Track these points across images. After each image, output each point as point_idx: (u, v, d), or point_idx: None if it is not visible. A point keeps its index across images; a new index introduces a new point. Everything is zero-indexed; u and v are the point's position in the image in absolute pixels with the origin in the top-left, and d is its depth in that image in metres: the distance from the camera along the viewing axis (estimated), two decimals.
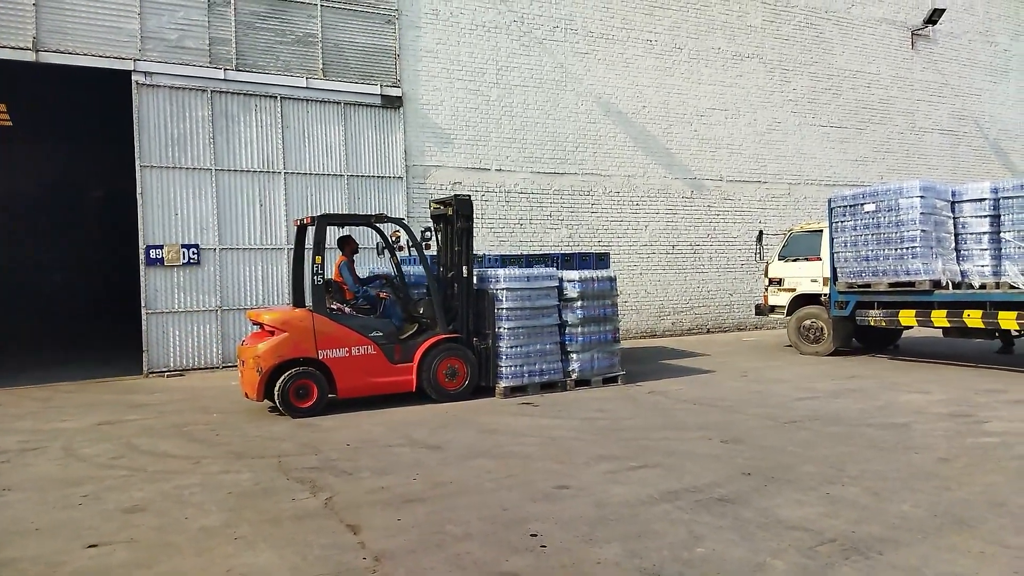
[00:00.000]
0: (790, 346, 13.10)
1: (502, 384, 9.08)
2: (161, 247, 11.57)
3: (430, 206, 9.72)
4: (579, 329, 9.55)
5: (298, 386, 8.15)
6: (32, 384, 10.69)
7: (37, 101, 17.48)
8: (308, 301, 8.63)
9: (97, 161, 22.27)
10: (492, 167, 14.24)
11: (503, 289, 9.07)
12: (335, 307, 8.67)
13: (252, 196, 12.26)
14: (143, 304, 11.48)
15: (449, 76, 13.84)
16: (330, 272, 9.29)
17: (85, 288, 23.90)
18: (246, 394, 8.38)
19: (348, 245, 9.34)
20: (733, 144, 16.93)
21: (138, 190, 11.51)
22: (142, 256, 11.50)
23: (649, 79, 15.90)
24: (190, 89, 11.86)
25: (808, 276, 12.68)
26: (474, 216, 9.31)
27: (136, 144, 11.51)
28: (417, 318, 9.01)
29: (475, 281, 9.45)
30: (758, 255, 14.09)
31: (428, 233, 9.26)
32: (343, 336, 8.41)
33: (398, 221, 9.12)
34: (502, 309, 9.06)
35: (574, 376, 9.56)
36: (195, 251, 11.75)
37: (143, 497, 5.45)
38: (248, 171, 12.26)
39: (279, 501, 5.31)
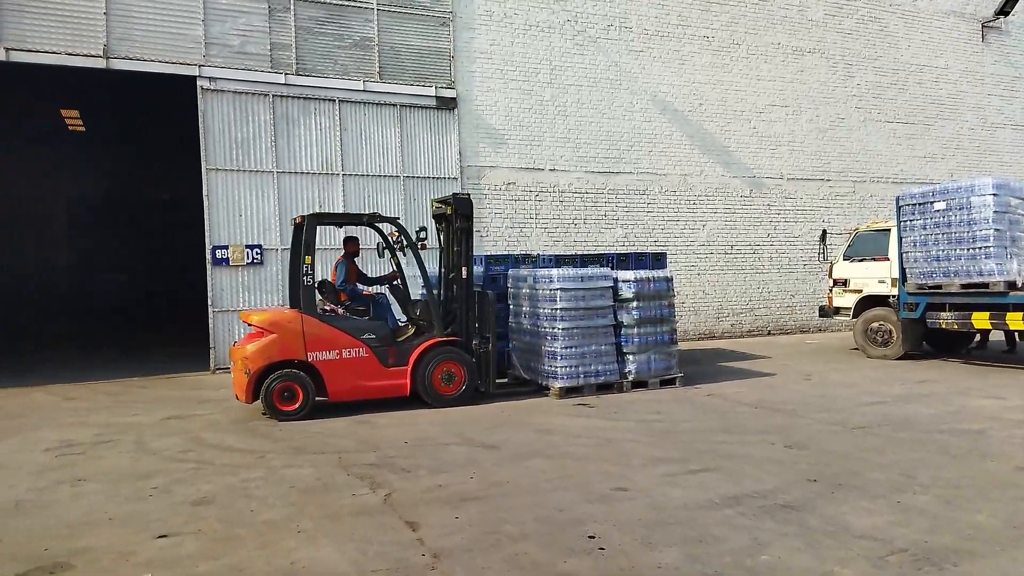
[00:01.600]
0: (856, 349, 12.70)
1: (557, 385, 9.04)
2: (226, 247, 11.91)
3: (432, 205, 9.60)
4: (635, 330, 9.44)
5: (283, 388, 7.96)
6: (105, 379, 11.12)
7: (107, 107, 18.19)
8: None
9: (164, 164, 23.07)
10: (546, 167, 14.21)
11: (557, 289, 9.03)
12: (328, 308, 8.49)
13: (312, 197, 12.51)
14: (210, 302, 11.83)
15: (503, 77, 13.88)
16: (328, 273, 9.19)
17: (153, 287, 24.76)
18: (236, 396, 8.23)
19: (350, 245, 9.26)
20: (794, 141, 16.52)
21: (204, 192, 11.87)
22: (208, 256, 11.86)
23: (706, 76, 15.64)
24: (252, 94, 12.17)
25: (875, 277, 12.27)
26: (474, 215, 9.07)
27: (202, 148, 11.86)
28: (415, 320, 8.84)
29: (530, 281, 9.45)
30: (822, 255, 13.74)
31: (423, 233, 9.04)
32: (333, 338, 8.16)
33: (393, 220, 8.86)
34: (556, 309, 9.02)
35: (631, 377, 9.45)
36: (258, 251, 12.05)
37: (210, 490, 5.60)
38: (308, 173, 12.52)
39: (339, 496, 5.39)
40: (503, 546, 4.43)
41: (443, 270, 9.31)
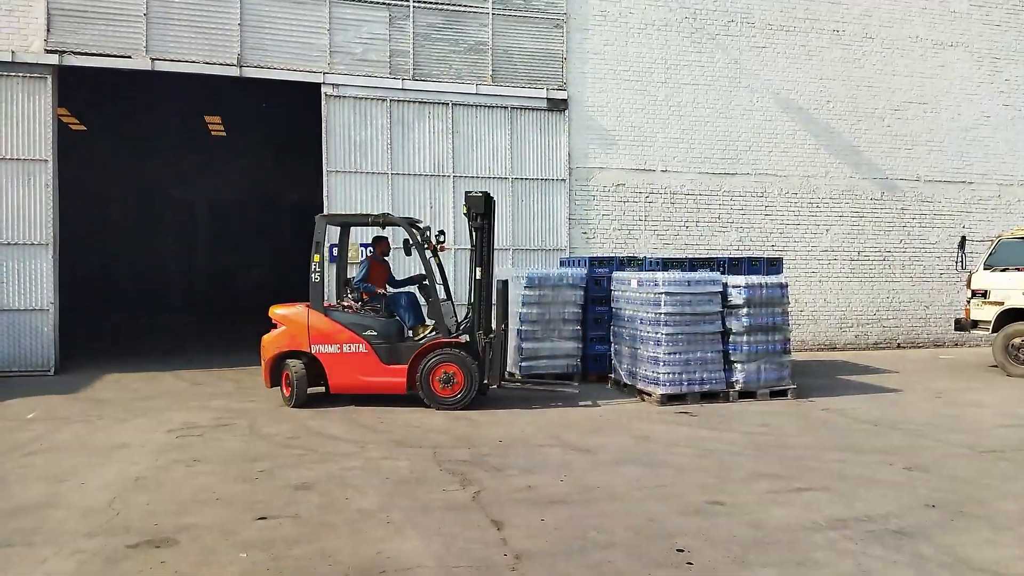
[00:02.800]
0: (995, 366, 11.62)
1: (658, 391, 8.79)
2: None
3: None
4: (744, 338, 9.04)
5: (286, 376, 8.60)
6: (230, 367, 11.87)
7: (243, 112, 19.45)
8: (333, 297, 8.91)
9: (294, 167, 24.38)
10: (657, 168, 13.89)
11: (662, 293, 8.79)
12: (346, 305, 8.87)
13: (423, 199, 12.82)
14: (324, 297, 12.34)
15: (616, 77, 13.69)
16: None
17: (280, 283, 26.23)
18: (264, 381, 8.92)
19: (378, 245, 9.52)
20: (933, 141, 15.32)
21: (324, 193, 12.43)
22: (326, 254, 12.24)
23: (834, 72, 14.79)
24: (371, 99, 12.61)
25: (1019, 288, 11.18)
26: (494, 214, 8.89)
27: (324, 151, 12.42)
28: (436, 321, 8.77)
29: (634, 284, 9.27)
30: (960, 264, 12.65)
31: (442, 236, 9.04)
32: (336, 333, 8.54)
33: (404, 222, 8.93)
34: (660, 314, 8.78)
35: (738, 387, 9.06)
36: (371, 250, 12.44)
37: (311, 476, 5.84)
38: (420, 175, 12.84)
39: (430, 490, 5.47)
40: (587, 553, 4.34)
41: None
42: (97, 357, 12.74)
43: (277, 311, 9.00)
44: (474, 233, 8.70)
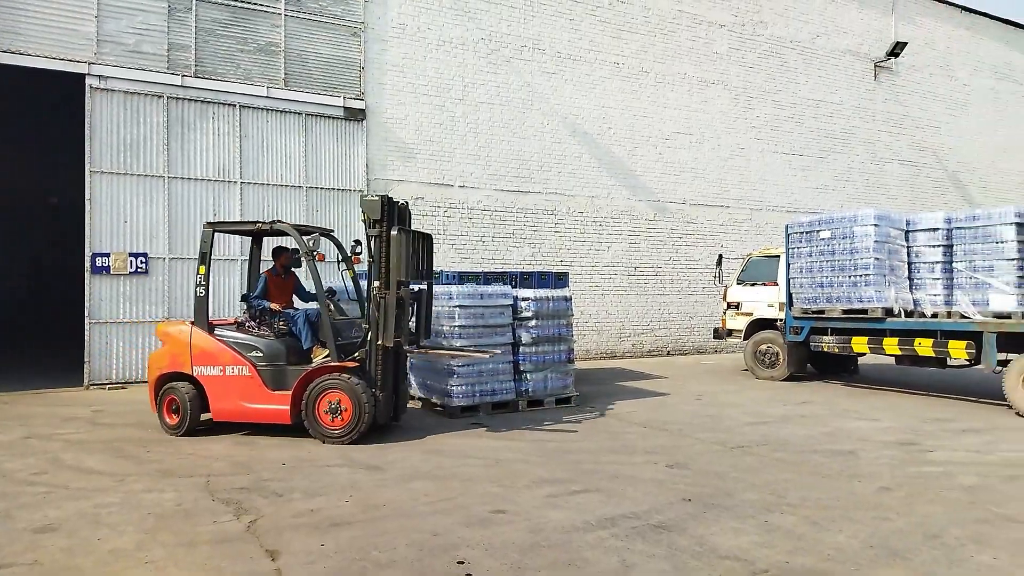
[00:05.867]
0: (747, 370, 13.11)
1: (452, 403, 8.91)
2: (108, 255, 11.24)
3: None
4: (533, 348, 9.44)
5: (170, 401, 7.79)
6: None
7: None
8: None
9: (52, 165, 21.76)
10: (455, 183, 14.14)
11: (456, 307, 8.93)
12: (244, 320, 8.07)
13: (206, 205, 12.00)
14: (87, 313, 11.13)
15: (415, 91, 13.76)
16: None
17: (35, 296, 23.27)
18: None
19: (278, 257, 8.55)
20: (697, 168, 17.05)
21: (87, 196, 11.22)
22: (88, 264, 11.17)
23: (615, 101, 15.97)
24: (145, 95, 11.62)
25: (765, 301, 12.73)
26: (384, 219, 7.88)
27: (87, 149, 11.22)
28: (325, 341, 7.82)
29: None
30: (717, 279, 14.17)
31: (359, 248, 8.20)
32: (219, 354, 7.66)
33: (295, 230, 8.02)
34: (454, 327, 8.92)
35: (527, 396, 9.42)
36: (143, 260, 11.43)
37: (57, 516, 5.18)
38: (203, 179, 12.01)
39: (199, 523, 5.07)
40: (367, 574, 4.25)
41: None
42: None
43: (160, 327, 8.16)
44: (372, 242, 7.67)
